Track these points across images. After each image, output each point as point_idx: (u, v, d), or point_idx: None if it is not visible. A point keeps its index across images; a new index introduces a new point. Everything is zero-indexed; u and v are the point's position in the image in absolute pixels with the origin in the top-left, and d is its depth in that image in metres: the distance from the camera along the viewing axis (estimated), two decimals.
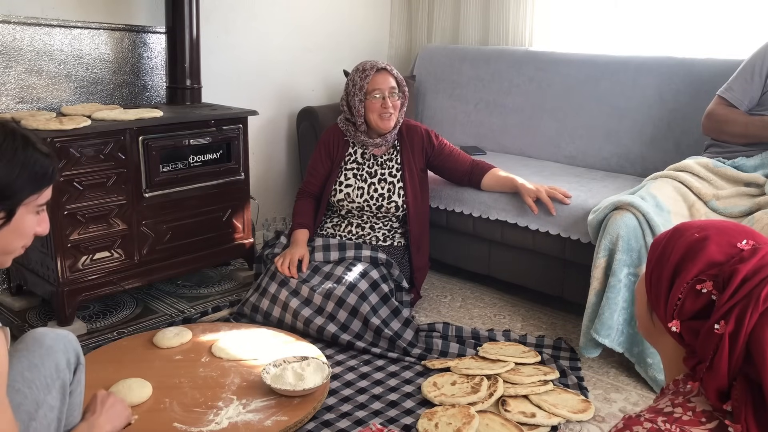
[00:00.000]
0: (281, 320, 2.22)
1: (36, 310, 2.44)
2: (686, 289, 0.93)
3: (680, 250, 0.96)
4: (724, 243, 0.92)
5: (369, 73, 2.39)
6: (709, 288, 0.90)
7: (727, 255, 0.91)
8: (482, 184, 2.51)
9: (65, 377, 1.30)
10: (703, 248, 0.93)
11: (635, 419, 0.92)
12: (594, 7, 3.03)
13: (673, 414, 0.91)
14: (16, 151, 1.11)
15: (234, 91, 3.02)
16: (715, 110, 2.25)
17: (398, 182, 2.47)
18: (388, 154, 2.50)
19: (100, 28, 2.57)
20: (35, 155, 1.14)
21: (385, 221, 2.51)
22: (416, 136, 2.52)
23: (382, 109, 2.38)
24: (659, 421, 0.89)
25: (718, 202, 2.06)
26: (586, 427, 1.77)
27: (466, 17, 3.43)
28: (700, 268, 0.92)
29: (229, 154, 2.58)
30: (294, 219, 2.50)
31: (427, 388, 1.89)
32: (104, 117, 2.26)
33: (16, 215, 1.13)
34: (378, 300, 2.21)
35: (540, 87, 3.00)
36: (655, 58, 2.72)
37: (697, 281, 0.91)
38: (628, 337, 2.00)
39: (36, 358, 1.26)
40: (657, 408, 0.94)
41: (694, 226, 0.99)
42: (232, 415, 1.69)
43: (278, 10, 3.18)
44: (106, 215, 2.26)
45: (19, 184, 1.12)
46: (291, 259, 2.29)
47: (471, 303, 2.61)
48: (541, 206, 2.35)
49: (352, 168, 2.48)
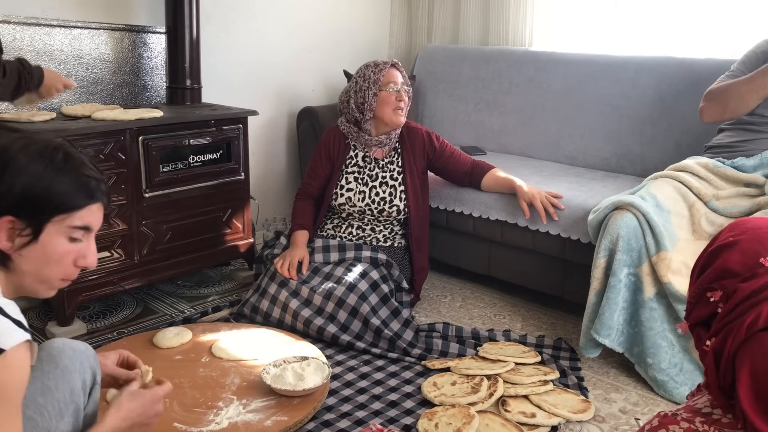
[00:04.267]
0: (281, 321, 2.22)
1: (36, 310, 2.44)
2: (698, 293, 0.90)
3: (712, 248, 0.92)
4: (750, 253, 0.88)
5: (383, 67, 2.40)
6: (717, 298, 0.87)
7: (745, 267, 0.87)
8: (482, 184, 2.51)
9: (79, 401, 1.19)
10: (725, 254, 0.89)
11: (671, 418, 0.89)
12: (594, 7, 3.03)
13: (712, 415, 0.88)
14: (52, 162, 1.04)
15: (234, 91, 3.02)
16: (710, 89, 2.21)
17: (399, 185, 2.46)
18: (389, 156, 2.49)
19: (100, 28, 2.57)
20: (74, 170, 1.06)
21: (386, 224, 2.51)
22: (417, 138, 2.52)
23: (397, 102, 2.38)
24: (697, 422, 0.87)
25: (717, 202, 2.06)
26: (586, 427, 1.77)
27: (466, 17, 3.43)
28: (714, 275, 0.89)
29: (229, 154, 2.58)
30: (293, 220, 2.49)
31: (427, 388, 1.89)
32: (104, 117, 2.26)
33: (43, 233, 1.04)
34: (378, 300, 2.20)
35: (540, 87, 3.00)
36: (655, 58, 2.72)
37: (708, 288, 0.89)
38: (628, 337, 2.00)
39: (50, 380, 1.15)
40: (694, 407, 0.91)
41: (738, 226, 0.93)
42: (232, 415, 1.69)
43: (278, 10, 3.18)
44: (106, 215, 2.24)
45: (48, 197, 1.04)
46: (291, 261, 2.29)
47: (471, 303, 2.61)
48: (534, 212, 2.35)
49: (354, 171, 2.47)
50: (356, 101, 2.42)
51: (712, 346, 0.85)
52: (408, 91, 2.45)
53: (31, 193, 1.03)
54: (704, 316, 0.89)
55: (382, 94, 2.38)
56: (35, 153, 1.05)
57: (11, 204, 1.03)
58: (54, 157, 1.05)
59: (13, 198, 1.03)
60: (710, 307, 0.88)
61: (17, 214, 1.03)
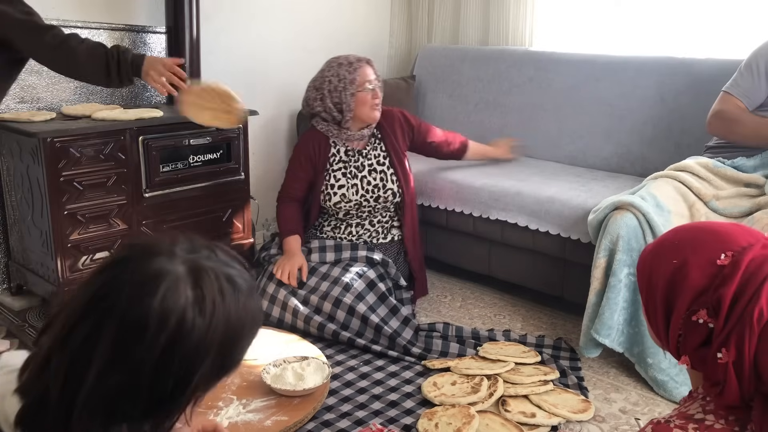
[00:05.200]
0: (281, 320, 2.22)
1: (36, 310, 2.44)
2: (683, 323, 0.89)
3: (663, 283, 0.92)
4: (703, 263, 0.88)
5: (357, 66, 2.38)
6: (704, 317, 0.87)
7: (709, 277, 0.87)
8: (465, 157, 2.72)
9: None
10: (684, 277, 0.89)
11: (664, 425, 0.89)
12: (594, 7, 3.03)
13: (705, 421, 0.87)
14: (229, 320, 0.80)
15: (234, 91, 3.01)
16: (724, 109, 2.17)
17: (388, 168, 2.47)
18: (370, 144, 2.49)
19: (100, 28, 2.57)
20: (249, 307, 0.84)
21: (383, 212, 2.50)
22: (394, 120, 2.52)
23: (373, 100, 2.39)
24: (690, 428, 0.87)
25: (718, 202, 2.05)
26: (586, 427, 1.77)
27: (466, 17, 3.43)
28: (689, 300, 0.88)
29: (229, 154, 2.58)
30: (282, 227, 2.45)
31: (427, 388, 1.89)
32: (104, 117, 2.26)
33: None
34: (376, 299, 2.21)
35: (540, 87, 3.00)
36: (655, 58, 2.72)
37: (690, 313, 0.88)
38: (628, 337, 2.00)
39: None
40: (687, 414, 0.90)
41: (668, 249, 0.93)
42: (232, 415, 1.69)
43: (278, 9, 3.18)
44: (107, 215, 2.26)
45: (235, 359, 0.84)
46: (291, 270, 2.27)
47: (471, 303, 2.61)
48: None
49: (340, 168, 2.46)
50: (332, 101, 2.40)
51: (730, 357, 0.84)
52: (380, 85, 2.44)
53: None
54: (700, 339, 0.88)
55: (360, 94, 2.37)
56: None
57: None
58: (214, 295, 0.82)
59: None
60: (701, 328, 0.88)
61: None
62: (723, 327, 0.85)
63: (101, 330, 0.74)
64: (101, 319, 0.75)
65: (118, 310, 0.75)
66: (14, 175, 2.29)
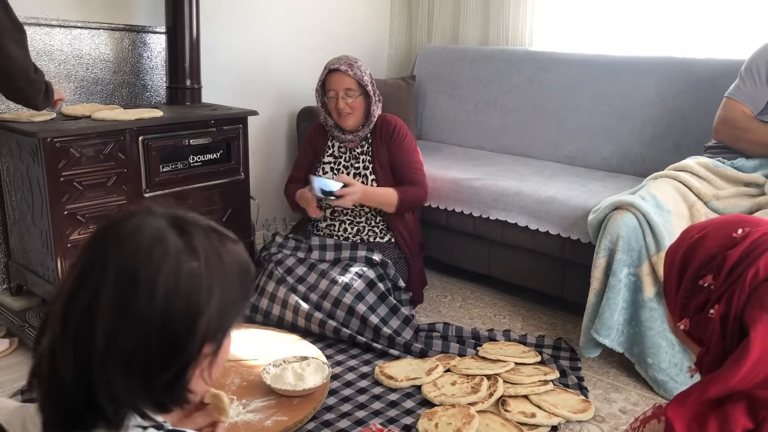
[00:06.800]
0: (281, 318, 2.22)
1: (36, 310, 2.44)
2: (690, 286, 0.93)
3: (682, 252, 0.97)
4: (720, 236, 0.93)
5: (327, 73, 2.43)
6: (710, 281, 0.90)
7: (721, 246, 0.92)
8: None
9: None
10: (701, 245, 0.94)
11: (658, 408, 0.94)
12: (594, 7, 3.03)
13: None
14: (222, 260, 0.83)
15: (234, 91, 3.02)
16: (732, 116, 2.16)
17: (371, 174, 2.47)
18: (361, 147, 2.50)
19: (100, 28, 2.57)
20: (239, 252, 0.88)
21: (372, 214, 2.49)
22: (386, 129, 2.49)
23: (337, 108, 2.40)
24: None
25: (718, 202, 2.06)
26: (586, 427, 1.77)
27: (466, 17, 3.43)
28: (700, 263, 0.93)
29: (229, 154, 2.58)
30: (289, 197, 2.55)
31: (427, 388, 1.89)
32: (104, 117, 2.26)
33: (224, 344, 0.84)
34: (376, 299, 2.21)
35: (540, 87, 3.00)
36: (655, 58, 2.72)
37: (698, 276, 0.92)
38: (628, 337, 2.00)
39: None
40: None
41: (696, 228, 0.99)
42: (232, 415, 1.68)
43: (278, 9, 3.18)
44: (106, 215, 2.26)
45: (237, 307, 0.85)
46: (310, 202, 2.37)
47: (471, 303, 2.61)
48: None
49: (329, 161, 2.51)
50: (320, 99, 2.49)
51: (718, 312, 0.86)
52: (360, 95, 2.40)
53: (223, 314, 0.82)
54: (702, 302, 0.92)
55: (329, 100, 2.44)
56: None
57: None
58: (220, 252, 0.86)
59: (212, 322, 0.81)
60: (705, 291, 0.91)
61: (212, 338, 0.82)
62: (721, 285, 0.89)
63: (98, 297, 0.74)
64: (95, 285, 0.75)
65: (110, 271, 0.75)
66: (14, 176, 2.29)
